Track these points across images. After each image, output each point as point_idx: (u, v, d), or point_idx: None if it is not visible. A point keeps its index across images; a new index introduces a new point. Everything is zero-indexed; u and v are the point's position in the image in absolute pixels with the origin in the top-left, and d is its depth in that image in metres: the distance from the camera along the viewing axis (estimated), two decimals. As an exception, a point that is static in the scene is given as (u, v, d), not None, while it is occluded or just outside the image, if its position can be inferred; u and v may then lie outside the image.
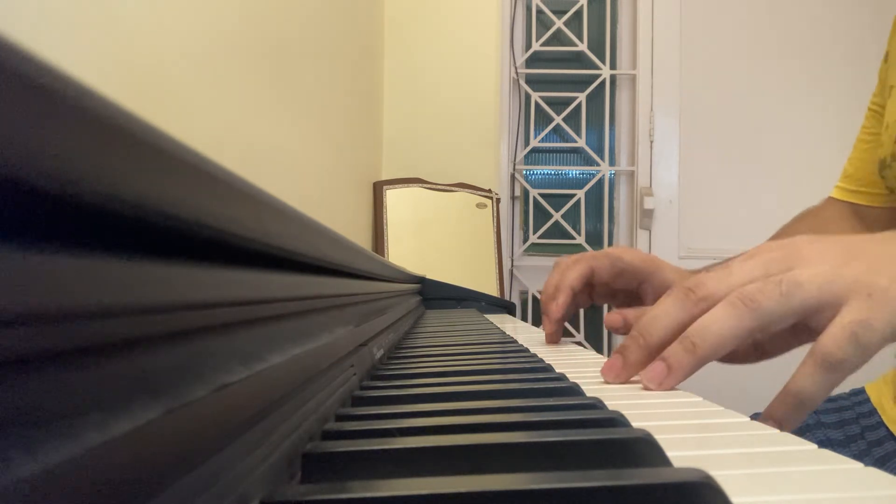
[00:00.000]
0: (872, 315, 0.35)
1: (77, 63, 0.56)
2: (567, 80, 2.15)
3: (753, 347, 0.45)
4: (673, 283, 0.64)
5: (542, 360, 0.47)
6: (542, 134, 2.12)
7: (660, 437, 0.22)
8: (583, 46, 2.11)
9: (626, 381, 0.42)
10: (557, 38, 2.13)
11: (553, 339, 0.68)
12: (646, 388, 0.39)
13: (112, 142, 0.10)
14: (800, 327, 0.39)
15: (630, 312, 0.58)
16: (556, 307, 0.66)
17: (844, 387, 0.50)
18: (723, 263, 0.43)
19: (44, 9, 0.52)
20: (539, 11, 2.12)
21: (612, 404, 0.29)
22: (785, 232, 0.85)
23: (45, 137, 0.09)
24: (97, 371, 0.11)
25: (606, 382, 0.42)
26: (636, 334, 0.42)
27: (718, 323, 0.38)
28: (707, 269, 0.46)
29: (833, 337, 0.36)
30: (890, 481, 0.20)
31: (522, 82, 2.12)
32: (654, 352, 0.41)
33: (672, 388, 0.39)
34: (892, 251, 0.38)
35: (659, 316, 0.41)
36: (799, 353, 0.40)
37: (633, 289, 0.69)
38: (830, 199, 0.87)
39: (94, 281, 0.10)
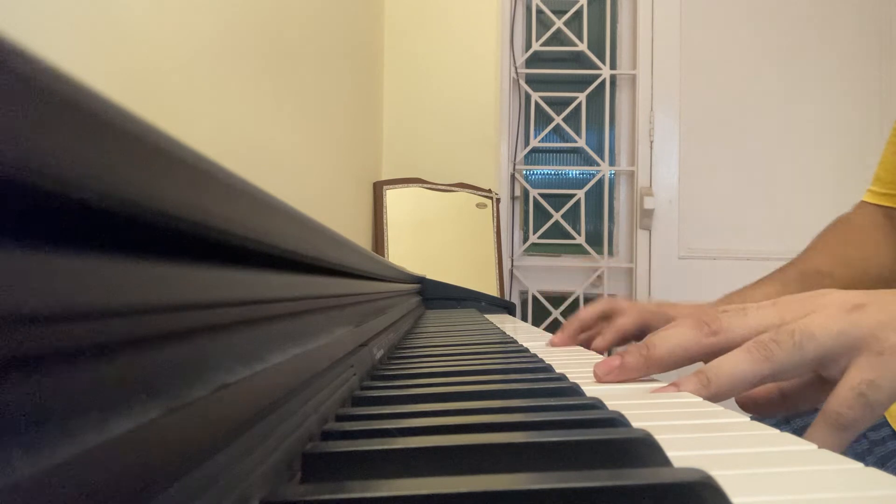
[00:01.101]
0: (881, 374, 0.36)
1: (77, 63, 0.56)
2: (567, 80, 2.15)
3: (781, 398, 0.45)
4: None
5: (542, 361, 0.47)
6: (542, 134, 2.12)
7: (660, 438, 0.22)
8: (583, 46, 2.11)
9: (615, 382, 0.42)
10: (557, 38, 2.13)
11: (559, 345, 0.70)
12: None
13: (112, 142, 0.10)
14: (822, 382, 0.40)
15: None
16: (602, 342, 0.68)
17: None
18: (740, 306, 0.43)
19: (44, 9, 0.52)
20: (539, 11, 2.12)
21: (612, 404, 0.29)
22: (816, 242, 0.85)
23: (44, 137, 0.09)
24: (97, 371, 0.11)
25: (597, 378, 0.43)
26: (643, 344, 0.43)
27: (733, 365, 0.39)
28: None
29: (842, 398, 0.37)
30: (890, 481, 0.20)
31: (522, 82, 2.12)
32: (654, 366, 0.42)
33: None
34: None
35: (669, 335, 0.42)
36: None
37: None
38: (863, 203, 0.87)
39: (94, 281, 0.10)
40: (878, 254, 0.81)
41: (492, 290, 1.88)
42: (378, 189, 1.86)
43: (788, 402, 0.45)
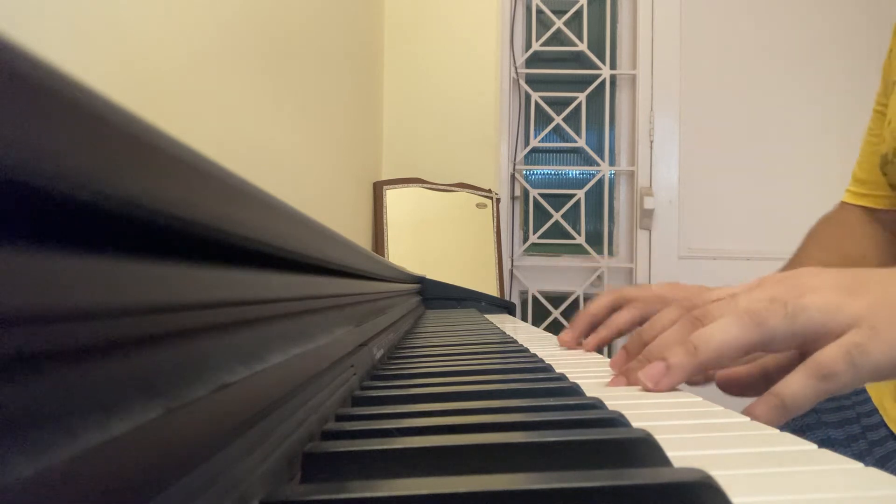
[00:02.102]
0: (871, 343, 0.37)
1: (77, 63, 0.56)
2: (567, 80, 2.15)
3: (763, 380, 0.45)
4: None
5: (542, 361, 0.47)
6: (542, 134, 2.12)
7: (660, 438, 0.22)
8: (583, 46, 2.11)
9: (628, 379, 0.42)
10: (557, 38, 2.13)
11: (569, 344, 0.67)
12: (644, 388, 0.39)
13: (112, 142, 0.10)
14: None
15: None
16: (595, 341, 0.64)
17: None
18: (730, 291, 0.43)
19: (44, 9, 0.52)
20: (539, 11, 2.12)
21: (612, 404, 0.29)
22: (809, 240, 0.85)
23: (44, 137, 0.09)
24: (97, 371, 0.11)
25: (611, 383, 0.43)
26: (635, 334, 0.44)
27: (721, 331, 0.39)
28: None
29: (828, 352, 0.37)
30: (890, 481, 0.20)
31: (522, 82, 2.11)
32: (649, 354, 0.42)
33: (669, 390, 0.39)
34: None
35: (657, 319, 0.43)
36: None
37: None
38: (843, 203, 0.86)
39: (94, 281, 0.10)
40: (875, 251, 0.81)
41: (492, 290, 1.88)
42: (378, 189, 1.86)
43: (770, 384, 0.44)
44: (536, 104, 2.11)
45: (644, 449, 0.21)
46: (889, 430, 0.72)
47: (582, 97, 2.11)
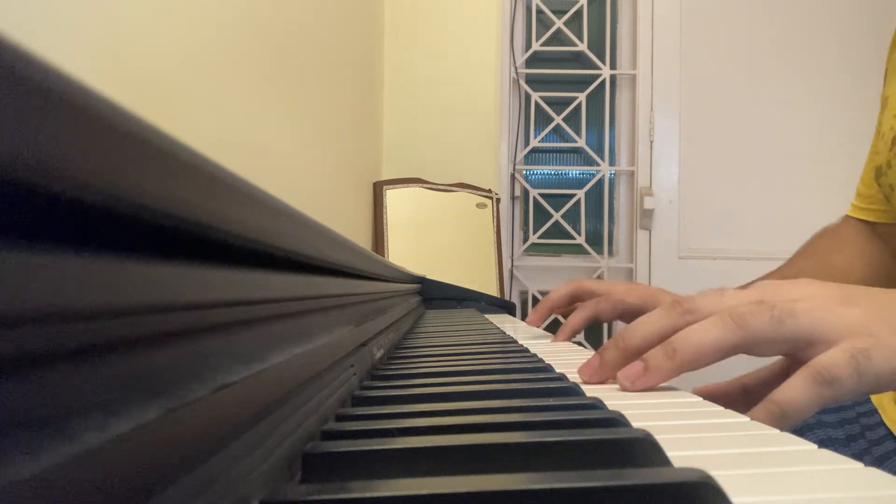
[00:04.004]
0: (874, 349, 0.35)
1: (77, 63, 0.56)
2: (567, 80, 2.15)
3: (743, 392, 0.44)
4: None
5: (541, 360, 0.47)
6: (542, 134, 2.12)
7: (660, 437, 0.22)
8: (583, 46, 2.11)
9: (602, 382, 0.42)
10: (557, 38, 2.13)
11: (533, 324, 0.79)
12: (621, 387, 0.39)
13: (111, 141, 0.10)
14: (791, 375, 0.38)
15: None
16: (561, 338, 0.73)
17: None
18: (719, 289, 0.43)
19: (44, 9, 0.52)
20: (539, 11, 2.12)
21: (612, 404, 0.29)
22: (801, 249, 0.86)
23: (44, 137, 0.09)
24: (97, 371, 0.11)
25: (583, 381, 0.42)
26: (617, 337, 0.42)
27: (702, 333, 0.38)
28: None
29: (832, 356, 0.35)
30: (890, 481, 0.20)
31: (522, 82, 2.11)
32: (631, 356, 0.41)
33: (646, 389, 0.39)
34: (892, 300, 0.38)
35: (642, 322, 0.42)
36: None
37: None
38: (847, 217, 0.88)
39: (94, 281, 0.10)
40: (862, 263, 0.82)
41: (492, 290, 1.88)
42: (378, 189, 1.86)
43: (750, 399, 0.43)
44: (536, 104, 2.11)
45: (644, 449, 0.21)
46: (888, 429, 0.72)
47: (582, 97, 2.11)
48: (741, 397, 0.44)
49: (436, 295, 1.29)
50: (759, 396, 0.42)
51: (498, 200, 1.99)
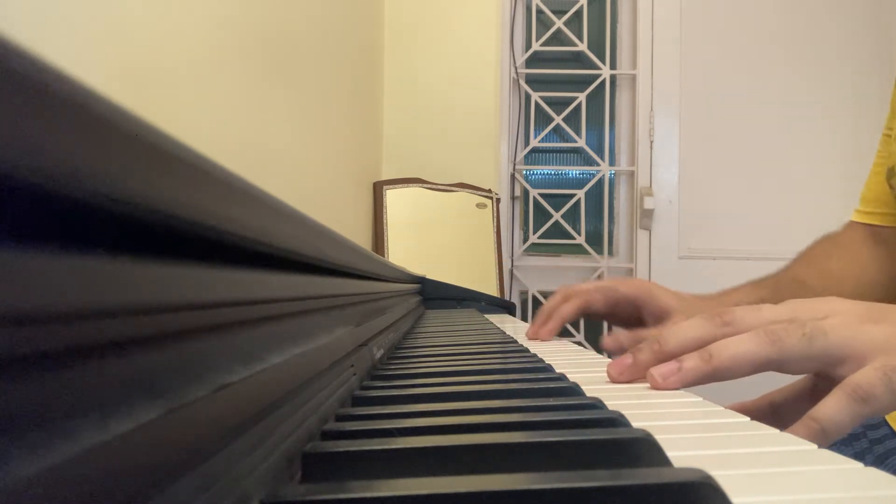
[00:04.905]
0: None
1: (77, 63, 0.56)
2: (567, 80, 2.15)
3: (770, 410, 0.45)
4: (670, 307, 0.72)
5: (542, 360, 0.47)
6: (542, 134, 2.12)
7: (660, 437, 0.22)
8: (583, 46, 2.11)
9: (629, 381, 0.42)
10: (557, 38, 2.13)
11: (530, 336, 0.75)
12: (652, 383, 0.39)
13: (111, 141, 0.10)
14: (818, 393, 0.39)
15: (624, 336, 0.66)
16: (546, 333, 0.73)
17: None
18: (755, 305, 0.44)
19: (44, 9, 0.52)
20: (539, 11, 2.12)
21: (612, 404, 0.29)
22: (801, 254, 0.86)
23: (44, 137, 0.09)
24: (97, 371, 0.11)
25: (611, 379, 0.42)
26: (653, 339, 0.43)
27: (738, 345, 0.39)
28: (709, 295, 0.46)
29: (866, 374, 0.36)
30: (890, 481, 0.20)
31: (522, 82, 2.11)
32: (664, 360, 0.41)
33: (675, 389, 0.39)
34: None
35: (680, 328, 0.42)
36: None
37: (632, 314, 0.75)
38: (851, 222, 0.88)
39: (93, 281, 0.10)
40: (860, 271, 0.82)
41: (492, 290, 1.88)
42: (378, 189, 1.86)
43: (777, 417, 0.45)
44: (536, 104, 2.11)
45: (644, 449, 0.21)
46: (890, 427, 0.73)
47: (582, 97, 2.11)
48: (769, 414, 0.45)
49: (436, 295, 1.29)
50: (787, 413, 0.43)
51: (498, 200, 1.99)
